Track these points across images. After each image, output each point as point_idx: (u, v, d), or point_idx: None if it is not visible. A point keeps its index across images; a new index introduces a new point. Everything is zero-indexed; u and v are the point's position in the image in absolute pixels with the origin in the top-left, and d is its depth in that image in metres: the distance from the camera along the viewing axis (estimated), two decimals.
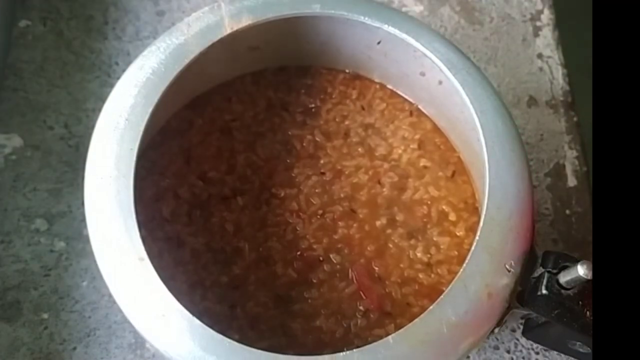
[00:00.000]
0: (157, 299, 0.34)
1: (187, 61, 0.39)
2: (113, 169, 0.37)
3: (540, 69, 0.59)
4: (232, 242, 0.43)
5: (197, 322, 0.34)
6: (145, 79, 0.39)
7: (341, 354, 0.33)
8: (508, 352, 0.49)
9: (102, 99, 0.39)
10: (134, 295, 0.35)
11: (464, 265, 0.35)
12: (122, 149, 0.37)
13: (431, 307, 0.35)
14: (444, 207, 0.44)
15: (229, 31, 0.40)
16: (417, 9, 0.60)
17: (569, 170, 0.55)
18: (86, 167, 0.37)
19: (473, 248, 0.36)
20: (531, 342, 0.49)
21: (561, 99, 0.58)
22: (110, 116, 0.38)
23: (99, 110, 0.39)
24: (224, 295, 0.41)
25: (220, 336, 0.33)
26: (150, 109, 0.38)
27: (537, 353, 0.49)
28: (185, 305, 0.34)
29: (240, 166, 0.45)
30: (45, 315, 0.47)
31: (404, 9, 0.60)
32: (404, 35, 0.41)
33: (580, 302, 0.34)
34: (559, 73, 0.59)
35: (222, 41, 0.40)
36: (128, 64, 0.40)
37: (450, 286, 0.35)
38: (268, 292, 0.41)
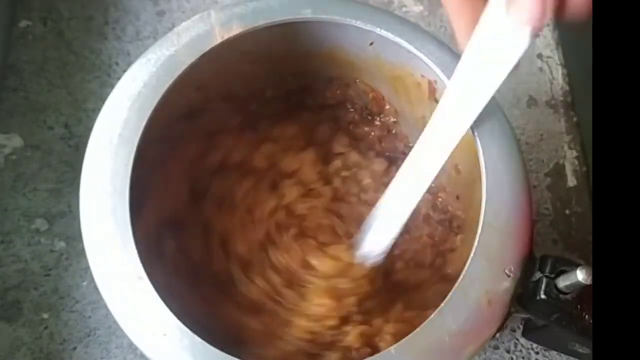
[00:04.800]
0: (158, 318, 0.34)
1: (178, 72, 0.39)
2: (108, 185, 0.36)
3: (540, 69, 0.59)
4: None
5: (199, 339, 0.33)
6: (137, 92, 0.38)
7: None
8: (508, 352, 0.49)
9: (102, 99, 0.39)
10: (135, 315, 0.34)
11: (463, 272, 0.35)
12: (117, 165, 0.36)
13: (432, 316, 0.34)
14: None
15: (219, 40, 0.40)
16: (417, 9, 0.60)
17: (568, 170, 0.55)
18: (81, 183, 0.37)
19: (472, 254, 0.35)
20: (531, 342, 0.49)
21: (561, 99, 0.58)
22: (103, 131, 0.37)
23: (99, 110, 0.39)
24: None
25: (223, 354, 0.33)
26: (143, 123, 0.37)
27: (537, 353, 0.49)
28: (185, 322, 0.34)
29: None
30: (46, 315, 0.48)
31: (403, 9, 0.60)
32: (397, 39, 0.41)
33: (578, 307, 0.34)
34: (558, 73, 0.59)
35: (213, 50, 0.40)
36: (128, 64, 0.40)
37: (450, 294, 0.35)
38: None
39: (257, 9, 0.41)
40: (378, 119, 0.48)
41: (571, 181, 0.55)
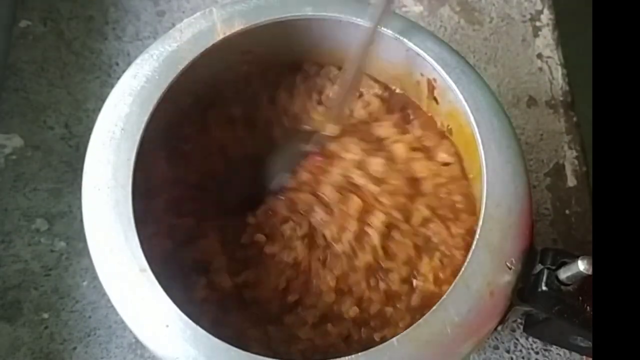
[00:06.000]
0: (160, 309, 0.34)
1: (180, 68, 0.39)
2: (110, 179, 0.36)
3: (540, 69, 0.59)
4: None
5: (202, 331, 0.33)
6: (140, 88, 0.38)
7: (346, 358, 0.33)
8: (508, 351, 0.49)
9: (103, 99, 0.39)
10: (137, 306, 0.34)
11: (465, 264, 0.35)
12: (119, 159, 0.37)
13: (434, 308, 0.34)
14: None
15: (221, 36, 0.40)
16: (417, 9, 0.60)
17: (568, 170, 0.55)
18: (83, 178, 0.37)
19: (473, 247, 0.35)
20: (531, 342, 0.49)
21: (561, 99, 0.58)
22: (106, 126, 0.38)
23: (99, 110, 0.39)
24: None
25: (226, 345, 0.33)
26: (145, 118, 0.38)
27: (537, 353, 0.49)
28: (188, 314, 0.34)
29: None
30: (46, 315, 0.47)
31: (403, 9, 0.60)
32: (396, 35, 0.41)
33: (580, 298, 0.34)
34: (558, 73, 0.59)
35: (214, 46, 0.40)
36: (128, 64, 0.41)
37: (452, 286, 0.35)
38: None
39: (258, 6, 0.41)
40: None
41: (571, 181, 0.55)
